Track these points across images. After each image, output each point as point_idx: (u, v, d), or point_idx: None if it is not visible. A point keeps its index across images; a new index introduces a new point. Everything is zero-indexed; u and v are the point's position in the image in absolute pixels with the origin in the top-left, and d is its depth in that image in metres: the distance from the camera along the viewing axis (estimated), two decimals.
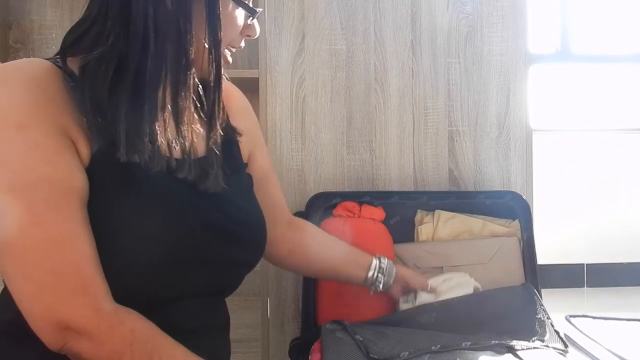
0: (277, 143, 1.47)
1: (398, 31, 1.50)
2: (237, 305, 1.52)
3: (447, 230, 1.38)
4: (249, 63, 1.67)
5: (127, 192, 0.73)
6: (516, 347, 0.99)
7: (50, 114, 0.69)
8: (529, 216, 1.39)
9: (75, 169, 0.70)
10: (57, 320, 0.66)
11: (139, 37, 0.72)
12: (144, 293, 0.75)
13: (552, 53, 3.42)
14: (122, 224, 0.72)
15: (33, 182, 0.66)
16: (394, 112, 1.50)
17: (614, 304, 3.10)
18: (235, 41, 0.84)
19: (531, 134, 1.51)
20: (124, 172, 0.72)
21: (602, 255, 3.39)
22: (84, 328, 0.66)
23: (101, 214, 0.71)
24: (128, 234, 0.72)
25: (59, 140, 0.69)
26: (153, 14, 0.72)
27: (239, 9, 0.81)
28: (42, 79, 0.71)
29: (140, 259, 0.72)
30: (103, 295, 0.68)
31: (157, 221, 0.74)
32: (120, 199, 0.73)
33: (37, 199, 0.66)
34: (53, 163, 0.68)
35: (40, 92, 0.70)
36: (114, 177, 0.72)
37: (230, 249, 0.82)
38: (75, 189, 0.69)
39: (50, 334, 0.67)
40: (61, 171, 0.68)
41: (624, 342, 1.08)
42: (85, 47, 0.75)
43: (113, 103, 0.72)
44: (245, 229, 0.85)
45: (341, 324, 1.10)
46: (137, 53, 0.72)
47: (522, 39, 1.52)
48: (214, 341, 0.85)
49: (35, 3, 1.64)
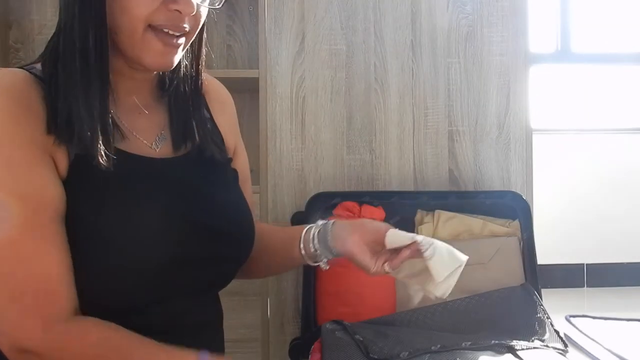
0: (277, 143, 1.47)
1: (398, 31, 1.50)
2: (237, 305, 1.52)
3: (447, 230, 1.38)
4: (249, 63, 1.67)
5: (107, 197, 0.73)
6: (516, 347, 0.99)
7: (25, 128, 0.69)
8: (529, 216, 1.39)
9: (50, 182, 0.69)
10: (13, 344, 0.67)
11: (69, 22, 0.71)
12: (133, 295, 0.74)
13: (552, 53, 3.42)
14: (104, 229, 0.72)
15: (1, 200, 0.66)
16: (394, 112, 1.50)
17: (614, 304, 3.10)
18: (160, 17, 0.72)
19: (531, 134, 1.51)
20: (102, 177, 0.71)
21: (602, 255, 3.39)
22: (36, 351, 0.67)
23: (84, 221, 0.71)
24: (111, 238, 0.72)
25: (34, 153, 0.68)
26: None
27: None
28: (17, 91, 0.70)
29: (126, 262, 0.72)
30: (57, 315, 0.68)
31: (139, 224, 0.74)
32: (101, 205, 0.72)
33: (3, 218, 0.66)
34: (25, 179, 0.68)
35: (15, 105, 0.69)
36: (93, 183, 0.72)
37: (216, 245, 0.81)
38: (48, 204, 0.68)
39: (13, 354, 0.68)
40: (33, 186, 0.68)
41: (624, 342, 1.08)
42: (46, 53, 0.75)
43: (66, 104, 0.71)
44: (231, 224, 0.84)
45: (341, 323, 1.10)
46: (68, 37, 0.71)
47: (522, 39, 1.52)
48: (206, 338, 0.85)
49: (35, 3, 1.64)
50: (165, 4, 0.71)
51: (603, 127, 3.44)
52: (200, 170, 0.82)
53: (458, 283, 1.34)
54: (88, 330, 0.70)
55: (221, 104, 0.94)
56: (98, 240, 0.72)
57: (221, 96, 0.95)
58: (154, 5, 0.70)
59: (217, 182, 0.86)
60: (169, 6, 0.71)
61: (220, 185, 0.87)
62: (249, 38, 1.72)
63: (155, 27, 0.72)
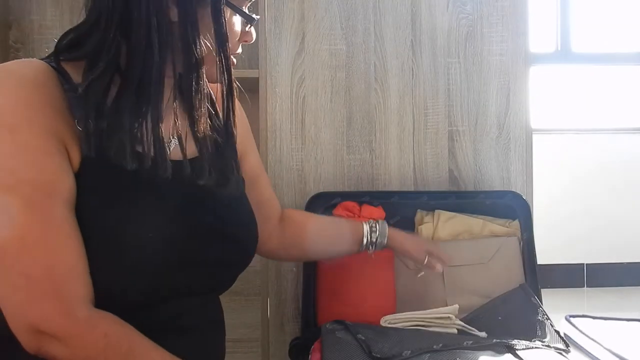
0: (277, 143, 1.47)
1: (398, 31, 1.50)
2: (237, 305, 1.53)
3: (447, 230, 1.38)
4: (249, 63, 1.67)
5: (118, 196, 0.73)
6: (517, 347, 0.99)
7: (42, 116, 0.70)
8: (529, 216, 1.39)
9: (63, 171, 0.70)
10: (29, 323, 0.67)
11: (142, 47, 0.72)
12: (137, 293, 0.75)
13: (552, 53, 3.42)
14: (114, 228, 0.72)
15: (15, 184, 0.67)
16: (394, 112, 1.50)
17: (614, 304, 3.10)
18: (234, 47, 0.85)
19: (531, 134, 1.51)
20: (115, 176, 0.72)
21: (602, 255, 3.39)
22: (55, 333, 0.67)
23: (93, 218, 0.72)
24: (120, 237, 0.72)
25: (50, 142, 0.69)
26: (156, 26, 0.72)
27: (237, 16, 0.82)
28: (37, 81, 0.71)
29: (133, 261, 0.73)
30: (76, 301, 0.68)
31: (148, 224, 0.74)
32: (112, 203, 0.73)
33: (17, 201, 0.67)
34: (39, 165, 0.68)
35: (34, 93, 0.70)
36: (106, 182, 0.73)
37: (222, 249, 0.83)
38: (60, 192, 0.69)
39: (24, 335, 0.68)
40: (47, 173, 0.69)
41: (624, 342, 1.08)
42: (86, 53, 0.75)
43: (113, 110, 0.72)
44: (237, 230, 0.86)
45: (342, 323, 1.11)
46: (140, 64, 0.72)
47: (522, 39, 1.52)
48: (207, 339, 0.85)
49: (35, 3, 1.64)
50: (241, 40, 0.85)
51: (603, 127, 3.44)
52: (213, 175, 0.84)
53: (459, 283, 1.35)
54: (108, 322, 0.70)
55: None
56: (106, 238, 0.72)
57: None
58: (236, 38, 0.83)
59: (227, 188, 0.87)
60: (242, 38, 0.85)
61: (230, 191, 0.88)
62: None
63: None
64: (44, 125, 0.69)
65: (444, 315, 1.16)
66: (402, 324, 1.17)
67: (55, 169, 0.69)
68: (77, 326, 0.68)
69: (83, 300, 0.69)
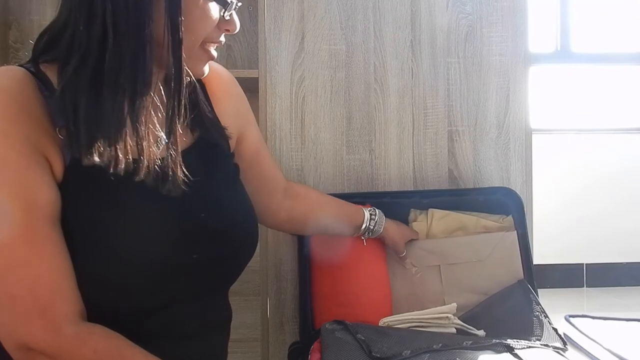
0: (277, 143, 1.47)
1: (398, 31, 1.50)
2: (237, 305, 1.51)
3: (440, 228, 1.37)
4: (249, 63, 1.67)
5: (105, 201, 0.72)
6: (515, 347, 0.99)
7: (19, 128, 0.68)
8: (522, 212, 1.37)
9: (44, 184, 0.68)
10: (18, 341, 0.67)
11: (99, 35, 0.69)
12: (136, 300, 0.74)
13: (552, 53, 3.42)
14: (104, 234, 0.71)
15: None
16: (394, 112, 1.50)
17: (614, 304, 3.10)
18: (213, 36, 0.80)
19: (531, 134, 1.51)
20: (99, 180, 0.70)
21: (602, 255, 3.40)
22: (44, 350, 0.66)
23: (83, 226, 0.71)
24: (113, 242, 0.71)
25: (28, 155, 0.68)
26: (111, 10, 0.68)
27: (212, 2, 0.77)
28: (12, 91, 0.69)
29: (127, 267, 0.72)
30: (63, 318, 0.67)
31: (140, 227, 0.73)
32: (99, 209, 0.72)
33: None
34: (18, 181, 0.67)
35: (10, 104, 0.68)
36: (90, 187, 0.71)
37: (218, 247, 0.81)
38: (42, 207, 0.68)
39: (16, 353, 0.67)
40: (27, 189, 0.67)
41: (623, 342, 1.08)
42: (61, 53, 0.72)
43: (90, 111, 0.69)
44: (233, 225, 0.84)
45: (342, 323, 1.10)
46: (96, 52, 0.69)
47: (521, 39, 1.52)
48: (209, 344, 0.84)
49: (35, 3, 1.64)
50: (220, 26, 0.79)
51: (603, 127, 3.45)
52: (202, 168, 0.81)
53: (456, 281, 1.35)
54: (97, 337, 0.69)
55: (223, 90, 0.93)
56: (99, 245, 0.71)
57: (223, 82, 0.94)
58: (212, 26, 0.78)
59: (219, 181, 0.85)
60: (222, 27, 0.80)
61: (223, 184, 0.86)
62: (249, 38, 1.73)
63: (205, 43, 0.79)
64: (22, 138, 0.67)
65: (443, 315, 1.16)
66: (401, 326, 1.17)
67: (36, 184, 0.68)
68: (66, 343, 0.67)
69: (70, 317, 0.68)
